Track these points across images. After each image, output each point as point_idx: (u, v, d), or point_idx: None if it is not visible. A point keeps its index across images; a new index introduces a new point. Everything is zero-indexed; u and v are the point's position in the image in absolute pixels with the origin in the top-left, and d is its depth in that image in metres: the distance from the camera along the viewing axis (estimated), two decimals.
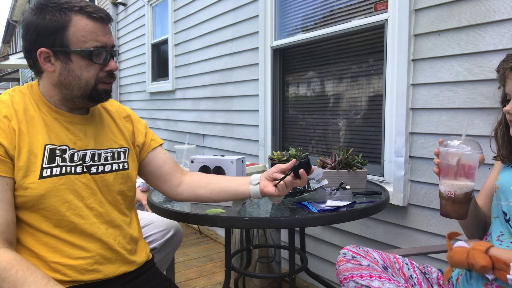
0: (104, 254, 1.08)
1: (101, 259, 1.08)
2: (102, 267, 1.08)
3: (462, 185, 1.10)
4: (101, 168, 1.12)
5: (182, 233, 1.85)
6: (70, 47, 1.01)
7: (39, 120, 1.05)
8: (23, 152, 0.99)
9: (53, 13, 0.99)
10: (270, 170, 1.21)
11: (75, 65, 1.03)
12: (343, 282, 1.14)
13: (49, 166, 1.02)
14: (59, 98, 1.08)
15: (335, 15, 2.32)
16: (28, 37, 1.02)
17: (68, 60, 1.03)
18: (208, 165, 1.46)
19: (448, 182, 1.12)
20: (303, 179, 1.17)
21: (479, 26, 1.60)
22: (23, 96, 1.07)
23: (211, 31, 3.44)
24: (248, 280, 2.33)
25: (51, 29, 1.00)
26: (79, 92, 1.06)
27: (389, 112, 1.97)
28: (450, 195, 1.11)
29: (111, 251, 1.10)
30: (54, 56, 1.02)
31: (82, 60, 1.03)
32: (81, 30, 1.01)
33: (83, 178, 1.07)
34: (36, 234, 1.02)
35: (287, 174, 1.16)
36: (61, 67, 1.03)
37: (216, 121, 3.46)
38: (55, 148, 1.04)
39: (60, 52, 1.02)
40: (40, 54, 1.02)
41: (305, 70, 2.60)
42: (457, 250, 1.03)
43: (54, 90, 1.07)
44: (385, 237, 2.03)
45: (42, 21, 1.00)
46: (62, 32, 1.00)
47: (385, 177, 2.01)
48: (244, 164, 1.48)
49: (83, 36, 1.02)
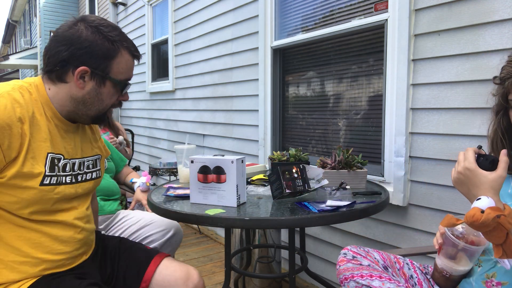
0: (80, 248, 1.20)
1: (75, 255, 1.19)
2: (74, 260, 1.19)
3: (460, 270, 1.10)
4: (85, 176, 1.23)
5: (182, 233, 1.85)
6: (110, 75, 1.13)
7: (43, 126, 1.09)
8: (28, 158, 1.04)
9: (106, 39, 1.10)
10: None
11: (105, 90, 1.14)
12: (344, 282, 1.14)
13: (50, 175, 1.08)
14: (70, 110, 1.15)
15: (335, 15, 2.32)
16: (73, 49, 1.07)
17: (102, 85, 1.13)
18: (208, 165, 1.46)
19: (447, 263, 1.11)
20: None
21: (479, 26, 1.60)
22: (30, 96, 1.08)
23: (211, 31, 3.44)
24: (248, 280, 2.33)
25: (102, 53, 1.09)
26: (94, 113, 1.17)
27: (389, 112, 1.97)
28: (445, 274, 1.12)
29: (84, 245, 1.22)
30: (90, 76, 1.10)
31: (113, 88, 1.16)
32: (123, 63, 1.14)
33: (71, 188, 1.16)
34: (17, 230, 1.08)
35: None
36: (92, 87, 1.12)
37: (216, 121, 3.46)
38: (55, 157, 1.11)
39: (98, 75, 1.11)
40: (80, 70, 1.08)
41: (305, 70, 2.60)
42: (494, 210, 0.91)
43: (71, 102, 1.13)
44: (385, 237, 2.03)
45: (96, 42, 1.08)
46: (110, 60, 1.11)
47: (385, 177, 2.01)
48: (244, 164, 1.48)
49: (123, 69, 1.15)
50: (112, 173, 2.08)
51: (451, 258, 1.10)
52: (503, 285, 1.05)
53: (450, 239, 1.07)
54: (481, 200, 0.92)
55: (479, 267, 1.11)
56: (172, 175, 3.69)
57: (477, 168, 0.96)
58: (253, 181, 1.87)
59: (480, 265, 1.11)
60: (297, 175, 1.53)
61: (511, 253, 0.90)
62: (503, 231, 0.89)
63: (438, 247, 1.13)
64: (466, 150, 1.00)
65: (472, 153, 0.99)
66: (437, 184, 1.78)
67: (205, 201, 1.48)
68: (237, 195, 1.43)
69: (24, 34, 18.04)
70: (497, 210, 0.88)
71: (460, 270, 1.10)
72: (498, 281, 1.06)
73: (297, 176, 1.53)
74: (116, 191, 2.01)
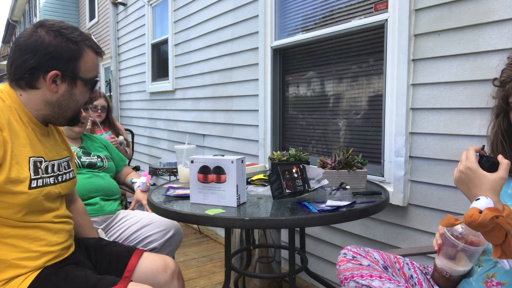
0: (69, 240, 1.26)
1: (68, 245, 1.25)
2: (67, 250, 1.26)
3: (460, 270, 1.10)
4: (64, 177, 1.27)
5: (182, 233, 1.85)
6: (80, 75, 1.17)
7: (21, 131, 1.11)
8: (13, 163, 1.06)
9: (70, 41, 1.13)
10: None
11: (78, 90, 1.19)
12: (344, 282, 1.14)
13: (35, 178, 1.12)
14: (45, 114, 1.18)
15: (335, 15, 2.32)
16: (39, 55, 1.10)
17: (74, 85, 1.17)
18: (208, 165, 1.46)
19: (447, 263, 1.11)
20: None
21: (479, 26, 1.59)
22: (4, 103, 1.10)
23: (211, 31, 3.44)
24: (248, 280, 2.33)
25: (68, 55, 1.13)
26: (70, 114, 1.22)
27: (389, 112, 1.97)
28: (445, 274, 1.12)
29: (71, 237, 1.28)
30: (62, 79, 1.14)
31: (84, 87, 1.20)
32: (89, 62, 1.19)
33: (55, 189, 1.20)
34: (13, 230, 1.11)
35: None
36: (65, 90, 1.16)
37: (216, 121, 3.46)
38: (36, 160, 1.14)
39: (68, 77, 1.15)
40: (52, 75, 1.12)
41: (305, 70, 2.60)
42: (491, 211, 0.91)
43: (45, 107, 1.16)
44: (385, 237, 2.03)
45: (60, 45, 1.11)
46: (76, 60, 1.15)
47: (385, 177, 2.01)
48: (244, 164, 1.48)
49: (90, 67, 1.19)
50: (112, 173, 2.08)
51: (451, 258, 1.10)
52: (503, 285, 1.05)
53: (450, 239, 1.07)
54: (480, 200, 0.92)
55: (479, 267, 1.11)
56: (172, 175, 3.69)
57: (478, 168, 0.96)
58: (253, 181, 1.87)
59: (480, 265, 1.11)
60: (297, 175, 1.53)
61: (510, 254, 0.90)
62: (502, 231, 0.89)
63: (438, 247, 1.13)
64: (468, 150, 1.00)
65: (474, 152, 0.99)
66: (437, 184, 1.78)
67: (205, 201, 1.48)
68: (237, 195, 1.43)
69: None
70: (495, 211, 0.88)
71: (460, 270, 1.10)
72: (498, 281, 1.06)
73: (297, 176, 1.53)
74: (116, 191, 2.01)
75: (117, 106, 5.95)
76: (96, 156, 2.02)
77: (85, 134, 2.15)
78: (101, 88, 9.84)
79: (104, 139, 2.26)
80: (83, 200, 1.83)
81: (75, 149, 1.96)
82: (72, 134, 2.02)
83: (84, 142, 2.08)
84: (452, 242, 1.07)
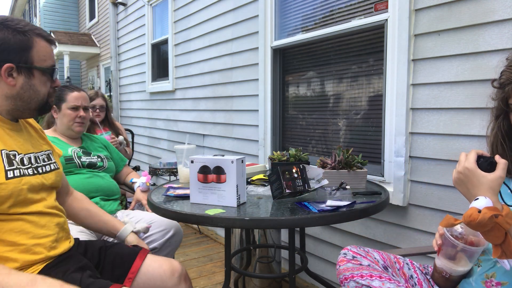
0: (60, 232, 1.25)
1: (57, 237, 1.24)
2: (58, 244, 1.24)
3: (460, 271, 1.10)
4: (45, 168, 1.26)
5: (182, 233, 1.85)
6: (35, 64, 1.16)
7: None
8: None
9: (17, 32, 1.12)
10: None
11: (36, 80, 1.18)
12: (344, 282, 1.13)
13: (11, 169, 1.11)
14: (9, 109, 1.18)
15: (335, 15, 2.32)
16: None
17: (31, 76, 1.16)
18: (208, 165, 1.46)
19: (447, 263, 1.11)
20: None
21: (479, 26, 1.60)
22: None
23: (211, 31, 3.44)
24: (248, 280, 2.33)
25: (18, 46, 1.12)
26: (35, 105, 1.20)
27: (389, 112, 1.97)
28: (445, 275, 1.12)
29: (63, 229, 1.28)
30: (17, 71, 1.13)
31: (43, 76, 1.19)
32: (42, 51, 1.17)
33: (36, 179, 1.19)
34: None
35: None
36: (24, 82, 1.15)
37: (216, 121, 3.46)
38: (9, 153, 1.13)
39: (23, 68, 1.14)
40: (6, 68, 1.11)
41: (305, 70, 2.60)
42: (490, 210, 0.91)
43: (7, 101, 1.16)
44: (385, 237, 2.03)
45: (8, 37, 1.11)
46: (28, 50, 1.14)
47: (385, 177, 2.01)
48: (244, 164, 1.48)
49: (44, 56, 1.18)
50: (112, 173, 2.08)
51: (451, 258, 1.10)
52: (502, 285, 1.05)
53: (449, 240, 1.07)
54: (478, 200, 0.92)
55: (478, 267, 1.11)
56: (172, 175, 3.69)
57: (476, 168, 0.97)
58: (253, 181, 1.87)
59: (480, 265, 1.11)
60: (297, 175, 1.53)
61: (510, 253, 0.90)
62: (501, 231, 0.89)
63: (438, 248, 1.13)
64: (470, 152, 1.00)
65: (474, 154, 0.99)
66: (437, 184, 1.78)
67: (205, 201, 1.48)
68: (237, 195, 1.44)
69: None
70: (494, 210, 0.88)
71: (460, 270, 1.10)
72: (497, 281, 1.05)
73: (297, 176, 1.53)
74: (116, 191, 2.02)
75: (117, 106, 5.95)
76: (96, 156, 2.02)
77: (85, 134, 2.16)
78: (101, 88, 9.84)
79: (104, 139, 2.26)
80: None
81: (75, 149, 1.96)
82: (72, 134, 2.02)
83: (84, 142, 2.08)
84: (451, 242, 1.07)
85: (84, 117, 2.02)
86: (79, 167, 1.90)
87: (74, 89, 2.04)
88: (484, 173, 0.96)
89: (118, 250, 1.41)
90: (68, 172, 1.85)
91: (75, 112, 1.99)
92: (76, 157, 1.92)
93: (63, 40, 10.28)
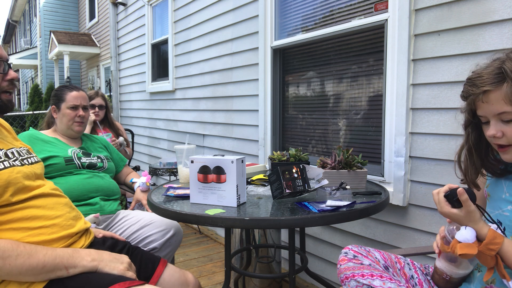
0: (71, 212, 1.27)
1: (70, 216, 1.26)
2: (75, 222, 1.26)
3: (461, 273, 1.10)
4: (30, 160, 1.27)
5: (182, 233, 1.85)
6: None
7: None
8: None
9: None
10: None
11: None
12: (345, 281, 1.13)
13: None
14: None
15: (335, 15, 2.32)
16: None
17: None
18: (208, 165, 1.46)
19: (448, 266, 1.11)
20: None
21: (479, 26, 1.60)
22: None
23: (211, 31, 3.44)
24: (248, 280, 2.33)
25: None
26: None
27: (389, 112, 1.97)
28: (446, 277, 1.12)
29: (73, 209, 1.30)
30: None
31: None
32: None
33: (27, 169, 1.20)
34: (9, 215, 1.11)
35: None
36: None
37: (216, 121, 3.46)
38: None
39: None
40: None
41: (305, 70, 2.60)
42: (464, 248, 0.98)
43: None
44: (385, 237, 2.03)
45: None
46: None
47: (385, 177, 2.01)
48: (244, 164, 1.48)
49: None
50: (112, 173, 2.08)
51: (452, 261, 1.10)
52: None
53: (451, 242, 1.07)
54: (460, 231, 1.00)
55: (478, 272, 1.11)
56: (172, 175, 3.69)
57: (449, 210, 1.03)
58: (253, 181, 1.87)
59: (480, 270, 1.11)
60: (297, 175, 1.53)
61: (503, 276, 0.93)
62: (490, 256, 0.95)
63: (438, 251, 1.13)
64: (437, 193, 1.06)
65: (441, 197, 1.05)
66: (437, 184, 1.78)
67: (205, 201, 1.48)
68: (237, 195, 1.43)
69: (24, 34, 18.04)
70: (469, 247, 0.96)
71: (460, 273, 1.10)
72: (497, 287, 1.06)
73: (297, 176, 1.53)
74: (116, 191, 2.01)
75: (117, 106, 5.95)
76: (96, 156, 2.02)
77: (85, 134, 2.16)
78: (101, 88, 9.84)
79: (104, 139, 2.26)
80: (83, 200, 1.83)
81: (75, 150, 1.96)
82: (72, 133, 2.02)
83: (84, 142, 2.08)
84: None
85: (84, 116, 2.02)
86: (79, 168, 1.90)
87: (73, 88, 2.04)
88: (457, 211, 1.02)
89: (144, 253, 1.44)
90: (68, 173, 1.84)
91: (74, 111, 1.99)
92: (76, 158, 1.91)
93: (63, 40, 10.28)
